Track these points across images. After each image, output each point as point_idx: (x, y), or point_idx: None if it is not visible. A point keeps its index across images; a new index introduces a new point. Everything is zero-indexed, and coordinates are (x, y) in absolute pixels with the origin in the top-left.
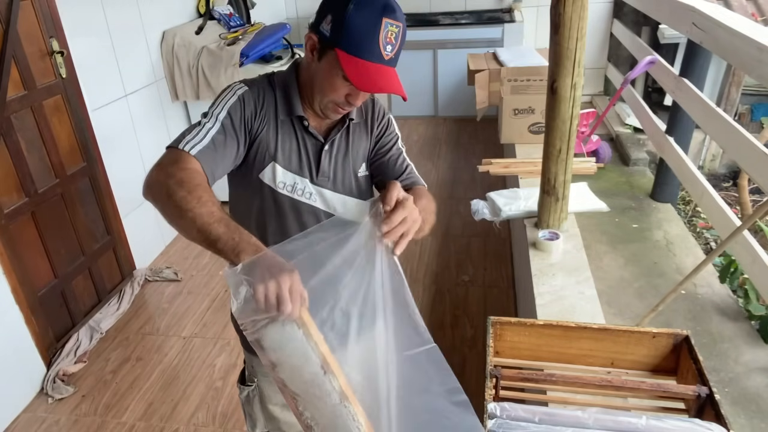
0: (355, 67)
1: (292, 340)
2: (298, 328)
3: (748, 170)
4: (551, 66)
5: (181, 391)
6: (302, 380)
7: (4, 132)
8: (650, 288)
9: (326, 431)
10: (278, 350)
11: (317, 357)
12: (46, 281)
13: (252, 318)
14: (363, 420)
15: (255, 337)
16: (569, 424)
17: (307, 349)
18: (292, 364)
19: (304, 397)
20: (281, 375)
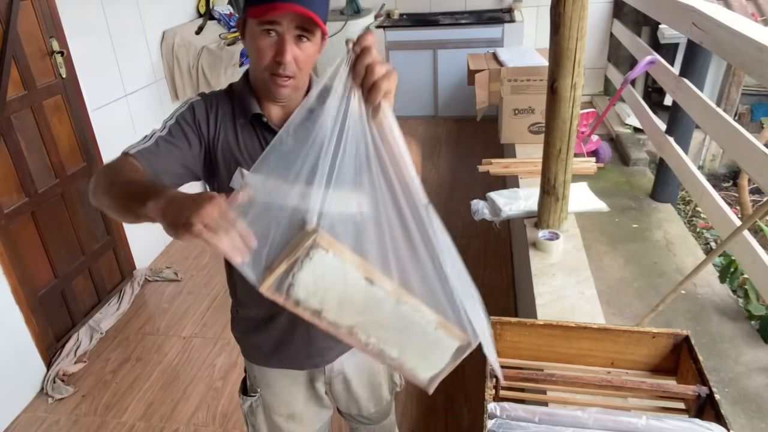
0: (260, 9)
1: (327, 270)
2: (326, 252)
3: (748, 170)
4: (551, 66)
5: (181, 391)
6: (354, 306)
7: (4, 132)
8: (650, 288)
9: (398, 342)
10: (318, 291)
11: (356, 271)
12: (46, 281)
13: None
14: (423, 307)
15: (293, 299)
16: (569, 424)
17: (344, 269)
18: (336, 295)
19: (363, 322)
20: (329, 316)
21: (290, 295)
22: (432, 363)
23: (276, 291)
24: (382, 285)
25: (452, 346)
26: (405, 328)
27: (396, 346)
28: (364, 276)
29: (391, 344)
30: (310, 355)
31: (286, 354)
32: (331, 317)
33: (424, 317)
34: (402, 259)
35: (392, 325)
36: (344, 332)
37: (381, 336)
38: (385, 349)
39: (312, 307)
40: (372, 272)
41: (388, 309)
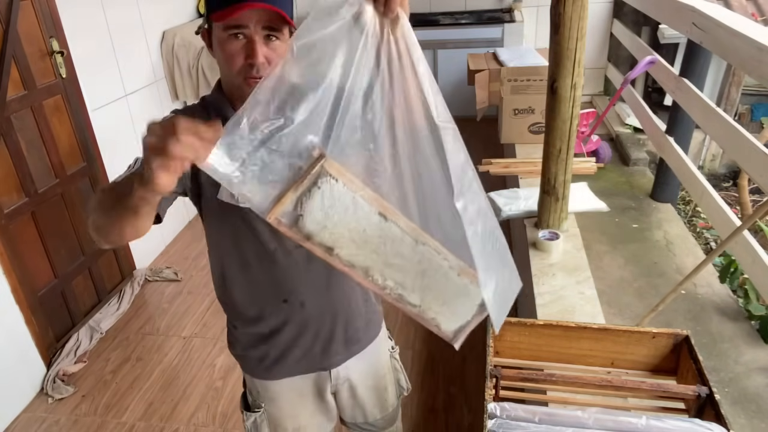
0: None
1: (337, 201)
2: (336, 181)
3: (748, 170)
4: (551, 66)
5: (181, 391)
6: (368, 243)
7: (4, 132)
8: (650, 288)
9: (418, 287)
10: (328, 224)
11: (368, 204)
12: (46, 281)
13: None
14: (445, 251)
15: (304, 232)
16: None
17: (355, 200)
18: (348, 231)
19: (379, 262)
20: (343, 253)
21: (300, 227)
22: (457, 313)
23: (285, 223)
24: (397, 222)
25: (478, 297)
26: (425, 272)
27: (416, 291)
28: (377, 210)
29: (411, 289)
30: (318, 357)
31: (293, 360)
32: (344, 255)
33: (446, 261)
34: (423, 199)
35: (411, 267)
36: (359, 274)
37: (399, 279)
38: (404, 294)
39: (324, 243)
40: (386, 207)
41: (406, 249)
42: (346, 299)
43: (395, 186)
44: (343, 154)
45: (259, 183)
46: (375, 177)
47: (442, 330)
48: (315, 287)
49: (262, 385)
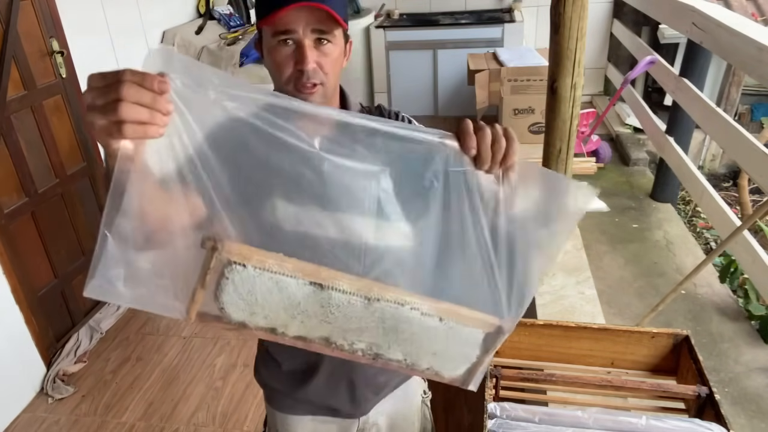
0: (273, 17)
1: (254, 285)
2: (243, 266)
3: (748, 170)
4: (551, 66)
5: (181, 391)
6: (312, 316)
7: (4, 132)
8: (650, 288)
9: (394, 341)
10: (256, 309)
11: (297, 279)
12: (46, 281)
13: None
14: (412, 298)
15: (234, 322)
16: (569, 424)
17: (279, 280)
18: (284, 309)
19: (335, 330)
20: (290, 332)
21: (228, 319)
22: (456, 358)
23: (211, 318)
24: (337, 286)
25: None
26: (396, 327)
27: (393, 347)
28: (308, 281)
29: (387, 346)
30: (347, 404)
31: (320, 398)
32: (292, 332)
33: (416, 310)
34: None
35: (375, 326)
36: (320, 345)
37: (368, 340)
38: (382, 353)
39: (262, 326)
40: (318, 274)
41: (359, 311)
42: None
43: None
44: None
45: (165, 292)
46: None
47: (446, 378)
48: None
49: (282, 420)
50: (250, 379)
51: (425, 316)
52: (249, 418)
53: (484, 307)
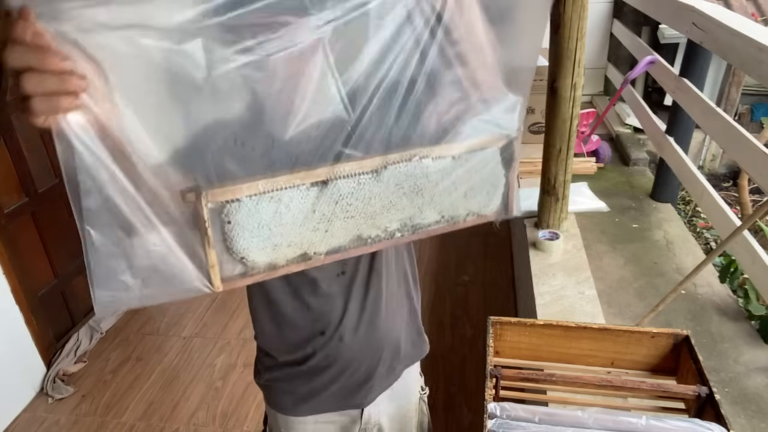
0: None
1: (260, 215)
2: (237, 202)
3: (748, 170)
4: (551, 66)
5: (181, 391)
6: (333, 219)
7: (4, 132)
8: (650, 288)
9: (423, 203)
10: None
11: (296, 188)
12: (46, 281)
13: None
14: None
15: (263, 266)
16: (569, 424)
17: (280, 197)
18: (303, 225)
19: (360, 223)
20: (320, 248)
21: (256, 267)
22: (486, 190)
23: (235, 278)
24: (340, 172)
25: (493, 157)
26: (415, 188)
27: (426, 212)
28: (308, 183)
29: (419, 213)
30: (353, 394)
31: (325, 395)
32: (324, 248)
33: (426, 158)
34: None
35: (396, 197)
36: (357, 248)
37: (398, 216)
38: (417, 222)
39: (292, 257)
40: (313, 172)
41: (375, 188)
42: (394, 335)
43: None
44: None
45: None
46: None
47: (489, 214)
48: (355, 321)
49: (285, 422)
50: (250, 379)
51: (437, 160)
52: (249, 418)
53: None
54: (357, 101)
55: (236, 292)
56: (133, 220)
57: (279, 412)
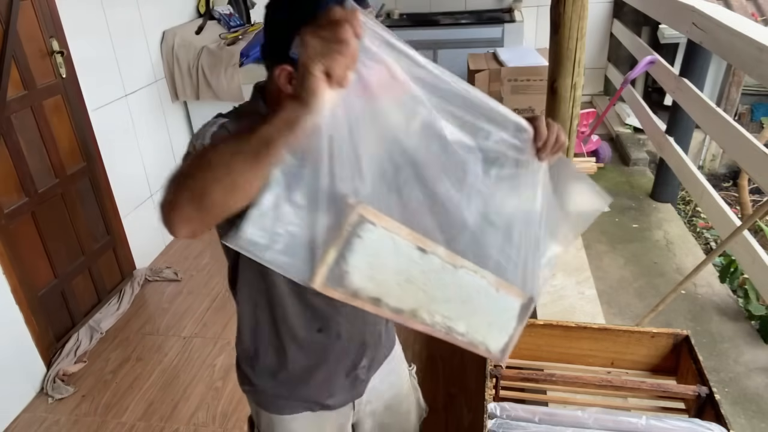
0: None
1: (378, 247)
2: (374, 226)
3: (748, 170)
4: (551, 66)
5: (181, 391)
6: (413, 283)
7: (4, 132)
8: (650, 288)
9: (464, 315)
10: (374, 273)
11: (408, 243)
12: (46, 281)
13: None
14: (479, 268)
15: (351, 289)
16: (569, 424)
17: (395, 241)
18: (393, 275)
19: (425, 300)
20: (391, 302)
21: (347, 285)
22: (501, 330)
23: (331, 284)
24: (436, 252)
25: (515, 306)
26: (469, 297)
27: (462, 320)
28: (416, 246)
29: (457, 318)
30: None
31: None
32: (393, 303)
33: (484, 279)
34: (444, 214)
35: (455, 296)
36: (407, 317)
37: (445, 312)
38: (452, 326)
39: (371, 295)
40: (423, 239)
41: (448, 278)
42: (377, 327)
43: (426, 213)
44: (375, 196)
45: (295, 250)
46: (406, 210)
47: (492, 351)
48: (351, 316)
49: (282, 425)
50: None
51: (490, 285)
52: None
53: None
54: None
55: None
56: (306, 192)
57: (272, 413)
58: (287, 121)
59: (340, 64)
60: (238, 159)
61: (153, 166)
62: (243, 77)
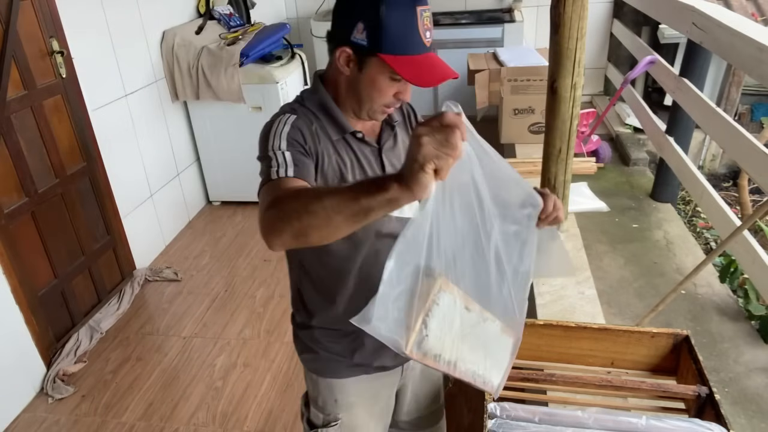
0: (407, 66)
1: (448, 311)
2: (447, 293)
3: (748, 170)
4: (551, 66)
5: (181, 391)
6: (462, 339)
7: (4, 132)
8: (650, 288)
9: (484, 358)
10: (443, 335)
11: (462, 304)
12: (46, 281)
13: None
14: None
15: (428, 352)
16: (569, 424)
17: (458, 305)
18: (453, 334)
19: (463, 350)
20: (445, 356)
21: (423, 347)
22: (500, 367)
23: (415, 349)
24: (475, 308)
25: (510, 344)
26: (487, 342)
27: (482, 363)
28: (465, 306)
29: (480, 363)
30: (394, 358)
31: (373, 360)
32: (446, 356)
33: (496, 325)
34: (477, 273)
35: (481, 344)
36: (445, 366)
37: (473, 358)
38: (474, 369)
39: (435, 353)
40: (468, 299)
41: (479, 330)
42: None
43: (468, 275)
44: (446, 267)
45: (398, 323)
46: (457, 274)
47: (492, 385)
48: None
49: (342, 387)
50: (250, 378)
51: (501, 331)
52: (249, 418)
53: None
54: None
55: (236, 293)
56: (410, 270)
57: (330, 377)
58: (390, 200)
59: (448, 164)
60: (339, 218)
61: (153, 166)
62: (243, 77)
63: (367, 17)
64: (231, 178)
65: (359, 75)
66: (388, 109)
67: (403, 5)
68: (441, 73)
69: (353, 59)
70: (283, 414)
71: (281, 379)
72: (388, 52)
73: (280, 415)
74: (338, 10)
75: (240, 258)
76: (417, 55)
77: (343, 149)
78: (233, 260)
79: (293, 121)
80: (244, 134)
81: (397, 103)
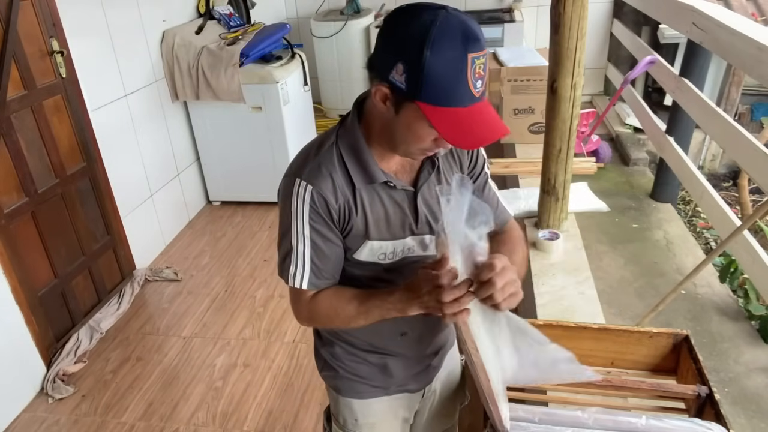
0: (448, 120)
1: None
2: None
3: (748, 170)
4: (551, 66)
5: (181, 391)
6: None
7: (4, 132)
8: (650, 288)
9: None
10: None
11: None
12: (46, 281)
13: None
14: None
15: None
16: (569, 424)
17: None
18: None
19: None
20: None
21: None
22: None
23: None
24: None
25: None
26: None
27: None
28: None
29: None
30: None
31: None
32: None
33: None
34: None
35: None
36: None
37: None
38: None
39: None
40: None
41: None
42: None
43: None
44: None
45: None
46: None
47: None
48: (431, 324)
49: (363, 408)
50: (250, 379)
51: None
52: (249, 418)
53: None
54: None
55: (236, 293)
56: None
57: (351, 397)
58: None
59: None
60: (363, 323)
61: (153, 166)
62: (243, 77)
63: (409, 58)
64: (231, 178)
65: (396, 118)
66: (427, 153)
67: (451, 51)
68: (488, 131)
69: (390, 98)
70: (283, 414)
71: (281, 379)
72: (428, 102)
73: (280, 416)
74: (381, 40)
75: (240, 258)
76: (462, 108)
77: (369, 201)
78: (233, 260)
79: (310, 196)
80: (244, 134)
81: (436, 149)
